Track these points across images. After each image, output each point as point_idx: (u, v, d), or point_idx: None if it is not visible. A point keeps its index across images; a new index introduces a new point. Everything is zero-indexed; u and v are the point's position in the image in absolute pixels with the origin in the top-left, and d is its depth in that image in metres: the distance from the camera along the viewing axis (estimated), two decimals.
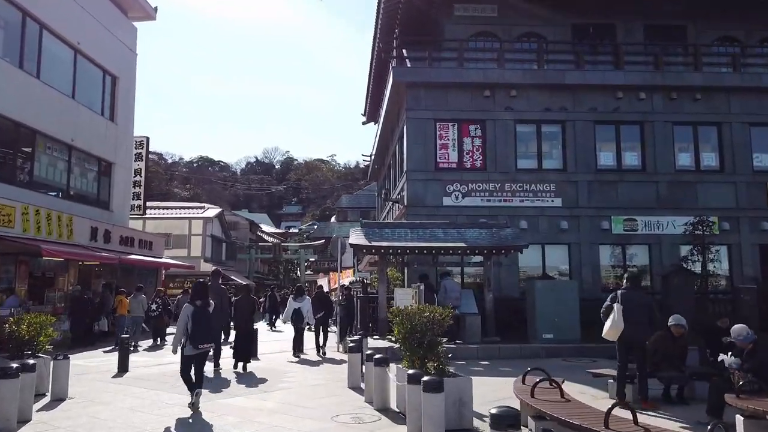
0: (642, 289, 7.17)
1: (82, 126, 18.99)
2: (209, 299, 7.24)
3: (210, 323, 6.96)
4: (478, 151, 16.73)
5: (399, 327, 6.45)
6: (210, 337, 6.97)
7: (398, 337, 6.54)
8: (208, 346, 6.94)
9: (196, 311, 6.84)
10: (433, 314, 6.30)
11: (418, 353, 6.21)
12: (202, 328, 6.77)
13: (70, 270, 18.86)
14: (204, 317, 6.85)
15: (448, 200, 16.40)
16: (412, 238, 13.26)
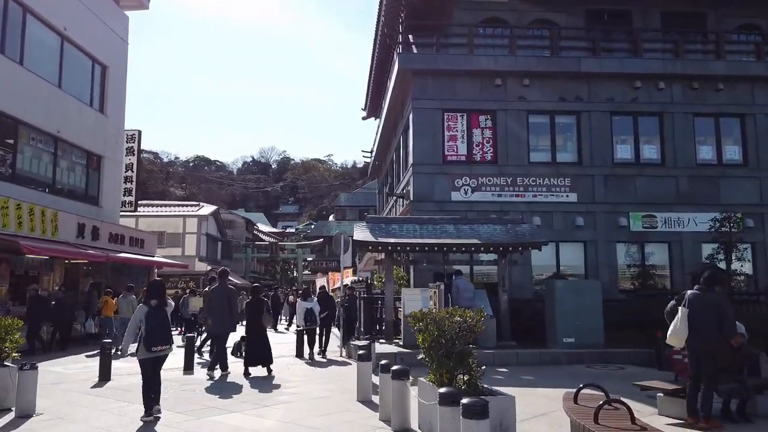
0: (714, 291, 6.11)
1: (69, 117, 17.87)
2: (166, 299, 6.82)
3: (166, 325, 6.54)
4: (488, 143, 15.71)
5: (424, 334, 5.39)
6: (165, 340, 6.45)
7: (422, 345, 5.48)
8: (162, 348, 6.43)
9: (151, 312, 6.41)
10: (464, 319, 5.25)
11: (447, 365, 5.16)
12: (156, 330, 6.34)
13: (56, 268, 17.72)
14: (159, 318, 6.43)
15: (456, 195, 15.37)
16: (421, 235, 12.22)
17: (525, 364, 11.00)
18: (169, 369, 10.47)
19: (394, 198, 19.12)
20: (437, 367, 5.26)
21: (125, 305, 15.18)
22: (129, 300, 15.24)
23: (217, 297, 9.95)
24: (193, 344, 10.70)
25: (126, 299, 15.25)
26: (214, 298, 10.22)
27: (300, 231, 64.35)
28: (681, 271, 15.43)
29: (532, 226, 12.88)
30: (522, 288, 14.63)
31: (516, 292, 14.15)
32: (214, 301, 10.13)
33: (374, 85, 24.08)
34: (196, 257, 30.35)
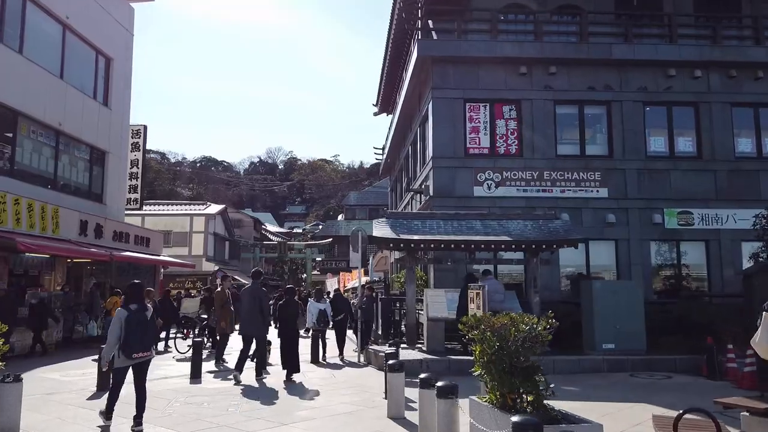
0: None
1: (71, 109, 17.03)
2: (146, 302, 6.33)
3: (147, 330, 6.05)
4: (513, 135, 14.72)
5: (483, 345, 4.41)
6: (146, 346, 5.99)
7: (478, 358, 4.50)
8: (143, 355, 5.96)
9: (131, 316, 5.91)
10: (532, 327, 4.26)
11: (512, 384, 4.18)
12: (136, 335, 5.86)
13: (57, 267, 16.85)
14: (140, 323, 5.94)
15: (479, 190, 14.38)
16: (446, 231, 11.24)
17: (562, 372, 9.99)
18: (175, 377, 9.57)
19: (410, 194, 18.14)
20: (499, 385, 4.27)
21: None
22: None
23: (248, 298, 9.48)
24: (200, 349, 9.75)
25: None
26: (244, 299, 9.69)
27: (307, 231, 63.51)
28: (719, 271, 14.38)
29: (565, 222, 11.88)
30: (549, 289, 13.62)
31: (543, 293, 13.12)
32: (244, 302, 9.62)
33: (387, 78, 23.10)
34: (203, 257, 29.50)
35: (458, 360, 9.95)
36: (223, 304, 11.04)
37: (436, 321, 10.92)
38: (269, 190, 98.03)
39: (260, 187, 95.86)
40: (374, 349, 11.37)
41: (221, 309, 11.03)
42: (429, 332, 10.91)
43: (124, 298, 6.27)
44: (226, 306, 11.09)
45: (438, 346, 10.84)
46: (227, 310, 11.13)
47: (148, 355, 6.04)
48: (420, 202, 16.30)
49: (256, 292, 9.46)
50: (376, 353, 10.98)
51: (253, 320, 9.24)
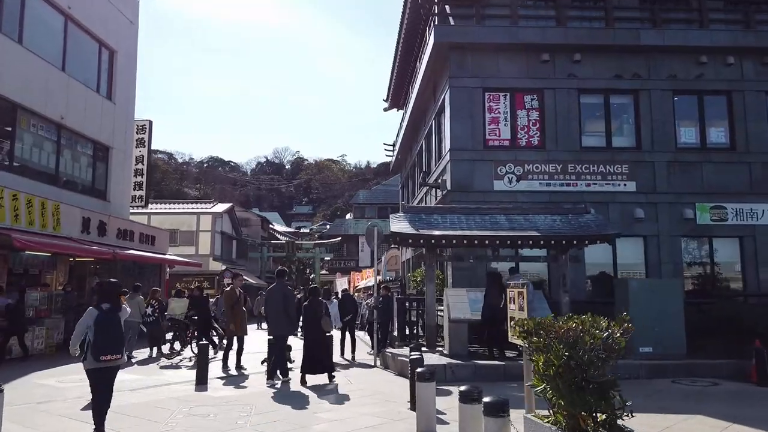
0: None
1: (73, 103, 16.37)
2: (120, 302, 5.97)
3: (118, 331, 5.72)
4: (534, 126, 13.88)
5: (549, 355, 3.60)
6: (116, 348, 5.65)
7: (539, 370, 3.70)
8: (113, 358, 5.61)
9: (102, 317, 5.58)
10: (611, 333, 3.46)
11: (587, 404, 3.38)
12: (107, 336, 5.54)
13: (59, 266, 16.22)
14: (111, 324, 5.62)
15: (499, 184, 13.55)
16: (468, 226, 10.43)
17: None
18: (178, 383, 8.83)
19: (424, 189, 17.33)
20: (568, 404, 3.47)
21: (132, 307, 13.57)
22: (136, 301, 13.68)
23: (273, 297, 9.08)
24: (206, 353, 9.00)
25: (133, 300, 13.66)
26: (269, 298, 9.21)
27: (314, 231, 62.80)
28: (755, 269, 13.48)
29: (597, 216, 11.02)
30: (575, 287, 12.74)
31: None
32: (269, 302, 9.18)
33: (398, 72, 22.30)
34: (210, 256, 28.81)
35: (485, 365, 9.14)
36: (233, 305, 10.29)
37: (459, 322, 10.12)
38: (276, 190, 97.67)
39: (267, 187, 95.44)
40: (392, 353, 10.59)
41: (231, 310, 10.27)
42: (451, 334, 10.11)
43: (96, 296, 5.90)
44: (236, 307, 10.34)
45: (461, 350, 10.04)
46: (238, 311, 10.36)
47: (118, 359, 5.67)
48: (436, 197, 15.50)
49: (282, 291, 9.03)
50: (394, 357, 10.20)
51: (280, 321, 8.89)
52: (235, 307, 10.32)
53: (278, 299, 8.94)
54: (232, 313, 10.25)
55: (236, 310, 10.33)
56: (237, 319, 10.27)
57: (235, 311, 10.30)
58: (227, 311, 10.40)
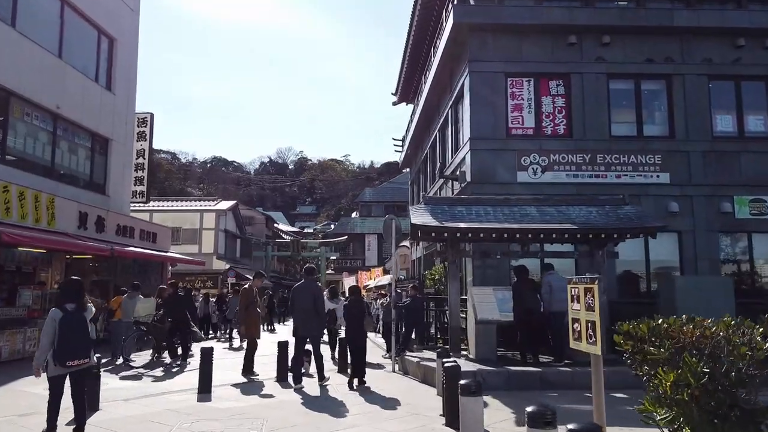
0: None
1: (70, 92, 15.45)
2: (85, 302, 5.44)
3: (84, 332, 5.30)
4: (560, 114, 12.92)
5: (681, 372, 2.63)
6: (83, 352, 5.23)
7: (666, 390, 2.73)
8: (80, 363, 5.22)
9: (66, 318, 5.17)
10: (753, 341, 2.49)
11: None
12: (72, 339, 5.15)
13: (55, 264, 15.29)
14: (77, 325, 5.21)
15: (523, 175, 12.59)
16: (496, 218, 9.46)
17: (641, 386, 8.18)
18: (178, 392, 7.88)
19: (439, 183, 16.37)
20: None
21: (131, 307, 12.68)
22: (135, 300, 12.75)
23: (302, 296, 8.51)
24: (210, 359, 8.04)
25: (132, 300, 12.76)
26: (297, 297, 8.61)
27: (318, 231, 61.89)
28: None
29: (636, 207, 10.03)
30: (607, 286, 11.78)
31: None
32: (297, 300, 8.60)
33: (409, 63, 21.37)
34: (213, 255, 27.89)
35: (519, 372, 8.18)
36: (248, 305, 9.34)
37: (487, 324, 9.16)
38: (280, 190, 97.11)
39: (270, 187, 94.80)
40: (414, 357, 9.63)
41: (246, 311, 9.35)
42: (478, 337, 9.14)
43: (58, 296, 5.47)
44: (251, 307, 9.40)
45: (489, 354, 9.07)
46: (253, 312, 9.42)
47: (86, 363, 5.26)
48: (452, 191, 14.54)
49: (311, 289, 8.52)
50: (418, 362, 9.23)
51: (310, 320, 8.35)
52: (250, 308, 9.41)
53: (307, 298, 8.35)
54: (247, 314, 9.32)
55: (251, 311, 9.40)
56: (252, 320, 9.34)
57: (250, 312, 9.37)
58: (241, 312, 9.48)
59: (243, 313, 9.35)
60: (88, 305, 5.46)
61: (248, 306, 9.35)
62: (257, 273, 10.58)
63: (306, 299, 8.41)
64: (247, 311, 9.32)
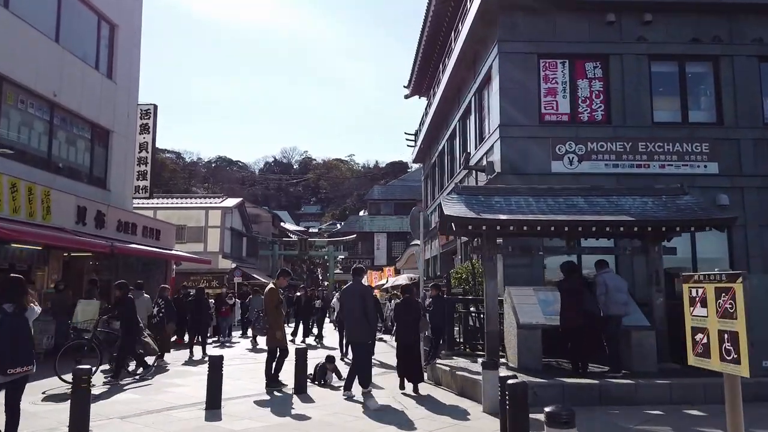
0: None
1: (69, 79, 14.42)
2: (26, 301, 4.80)
3: (26, 337, 4.71)
4: (598, 99, 11.81)
5: None
6: (25, 358, 4.65)
7: None
8: (21, 371, 4.63)
9: (5, 320, 4.58)
10: None
11: None
12: (14, 343, 4.57)
13: (52, 262, 14.27)
14: (17, 328, 4.63)
15: (558, 165, 11.49)
16: (540, 210, 8.36)
17: (712, 400, 7.05)
18: (183, 407, 6.79)
19: (460, 176, 15.26)
20: None
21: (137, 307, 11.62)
22: (141, 301, 11.69)
23: (351, 298, 7.82)
24: (219, 368, 6.93)
25: (136, 299, 11.69)
26: (346, 299, 7.97)
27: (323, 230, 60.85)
28: None
29: (696, 198, 8.90)
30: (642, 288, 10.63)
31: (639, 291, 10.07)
32: (346, 303, 7.96)
33: (424, 54, 20.29)
34: (219, 253, 26.84)
35: (575, 385, 7.06)
36: (276, 306, 8.25)
37: (531, 329, 8.05)
38: (284, 189, 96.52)
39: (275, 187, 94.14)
40: (448, 366, 8.52)
41: (275, 313, 8.22)
42: (521, 344, 8.03)
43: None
44: (279, 309, 8.30)
45: (533, 363, 7.96)
46: (279, 314, 8.31)
47: (28, 370, 4.71)
48: (477, 183, 13.44)
49: (360, 291, 7.80)
50: (452, 372, 8.12)
51: (357, 325, 7.60)
52: (278, 310, 8.32)
53: (356, 300, 7.63)
54: (275, 317, 8.21)
55: (278, 313, 8.31)
56: (280, 324, 8.27)
57: (277, 315, 8.27)
58: (270, 315, 8.26)
59: (271, 316, 8.22)
60: (30, 305, 4.83)
61: (276, 307, 8.23)
62: (283, 271, 9.32)
63: (355, 302, 7.66)
64: (275, 314, 8.20)
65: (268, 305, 8.29)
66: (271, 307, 8.23)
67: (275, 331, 8.12)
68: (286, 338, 8.46)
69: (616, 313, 7.61)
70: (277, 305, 8.25)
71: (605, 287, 7.64)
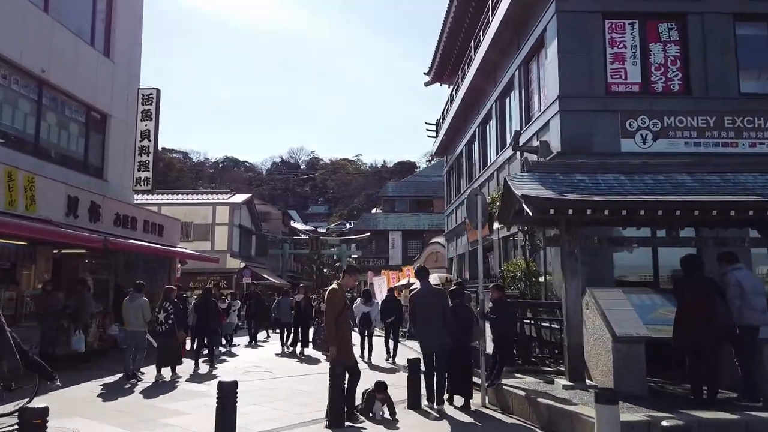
0: None
1: (59, 54, 12.66)
2: None
3: None
4: (674, 66, 9.91)
5: None
6: None
7: None
8: None
9: None
10: None
11: None
12: None
13: (39, 260, 12.44)
14: None
15: (628, 144, 9.60)
16: (639, 189, 6.48)
17: None
18: None
19: (500, 160, 13.37)
20: None
21: (133, 312, 9.87)
22: (138, 304, 9.94)
23: (426, 301, 6.91)
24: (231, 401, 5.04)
25: (134, 302, 9.95)
26: (420, 303, 7.01)
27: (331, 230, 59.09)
28: None
29: None
30: None
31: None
32: (421, 307, 6.96)
33: (449, 35, 18.41)
34: (227, 252, 25.04)
35: (713, 423, 5.13)
36: (341, 312, 6.15)
37: (632, 342, 6.17)
38: (292, 190, 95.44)
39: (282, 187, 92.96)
40: (519, 388, 6.63)
41: (335, 321, 6.10)
42: (618, 362, 6.14)
43: None
44: (343, 317, 6.17)
45: (637, 387, 6.07)
46: (343, 324, 6.20)
47: None
48: (523, 169, 11.54)
49: (437, 294, 7.05)
50: (531, 398, 6.20)
51: (437, 330, 6.70)
52: (343, 314, 6.24)
53: (435, 304, 6.75)
54: (338, 327, 6.11)
55: (343, 323, 6.22)
56: (346, 338, 6.24)
57: (342, 325, 6.18)
58: (329, 324, 6.19)
59: (332, 327, 6.09)
60: None
61: (339, 315, 6.13)
62: (350, 267, 7.18)
63: (432, 306, 6.80)
64: (338, 320, 6.08)
65: (326, 312, 6.25)
66: (330, 315, 6.15)
67: (332, 342, 6.10)
68: (353, 355, 6.36)
69: (752, 323, 5.71)
70: (341, 311, 6.18)
71: (738, 286, 5.73)
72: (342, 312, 6.19)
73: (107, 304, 13.97)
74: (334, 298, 6.21)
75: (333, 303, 6.17)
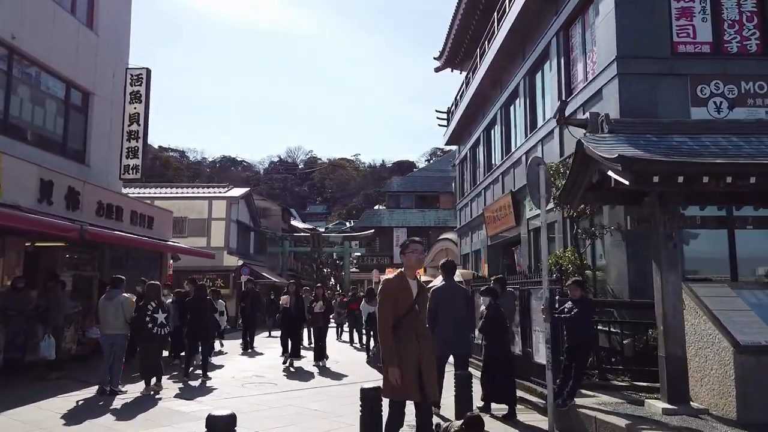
0: None
1: (32, 19, 11.01)
2: None
3: None
4: (751, 23, 8.36)
5: None
6: None
7: None
8: None
9: None
10: None
11: None
12: None
13: (8, 253, 10.79)
14: None
15: (699, 112, 8.04)
16: (759, 153, 4.89)
17: None
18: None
19: (533, 140, 11.76)
20: None
21: (111, 311, 8.19)
22: (118, 302, 8.26)
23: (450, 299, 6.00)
24: None
25: (112, 300, 8.27)
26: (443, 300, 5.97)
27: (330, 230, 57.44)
28: None
29: None
30: None
31: None
32: (444, 306, 5.94)
33: (464, 12, 16.85)
34: (224, 249, 23.35)
35: None
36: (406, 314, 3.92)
37: (761, 353, 4.56)
38: (290, 189, 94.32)
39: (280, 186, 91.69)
40: (609, 414, 5.01)
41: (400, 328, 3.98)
42: (744, 380, 4.57)
43: None
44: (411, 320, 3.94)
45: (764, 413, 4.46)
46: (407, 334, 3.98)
47: None
48: (562, 145, 9.97)
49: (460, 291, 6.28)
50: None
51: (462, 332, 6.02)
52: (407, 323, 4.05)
53: (458, 301, 5.99)
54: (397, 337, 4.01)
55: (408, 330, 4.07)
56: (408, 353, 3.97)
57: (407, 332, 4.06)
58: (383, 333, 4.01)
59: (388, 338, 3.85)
60: None
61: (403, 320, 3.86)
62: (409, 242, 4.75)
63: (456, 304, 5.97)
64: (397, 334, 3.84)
65: (379, 315, 4.07)
66: (385, 319, 3.98)
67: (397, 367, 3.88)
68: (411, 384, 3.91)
69: None
70: (404, 314, 3.99)
71: None
72: (407, 315, 3.99)
73: (89, 303, 12.27)
74: (388, 293, 4.04)
75: (388, 301, 4.02)
